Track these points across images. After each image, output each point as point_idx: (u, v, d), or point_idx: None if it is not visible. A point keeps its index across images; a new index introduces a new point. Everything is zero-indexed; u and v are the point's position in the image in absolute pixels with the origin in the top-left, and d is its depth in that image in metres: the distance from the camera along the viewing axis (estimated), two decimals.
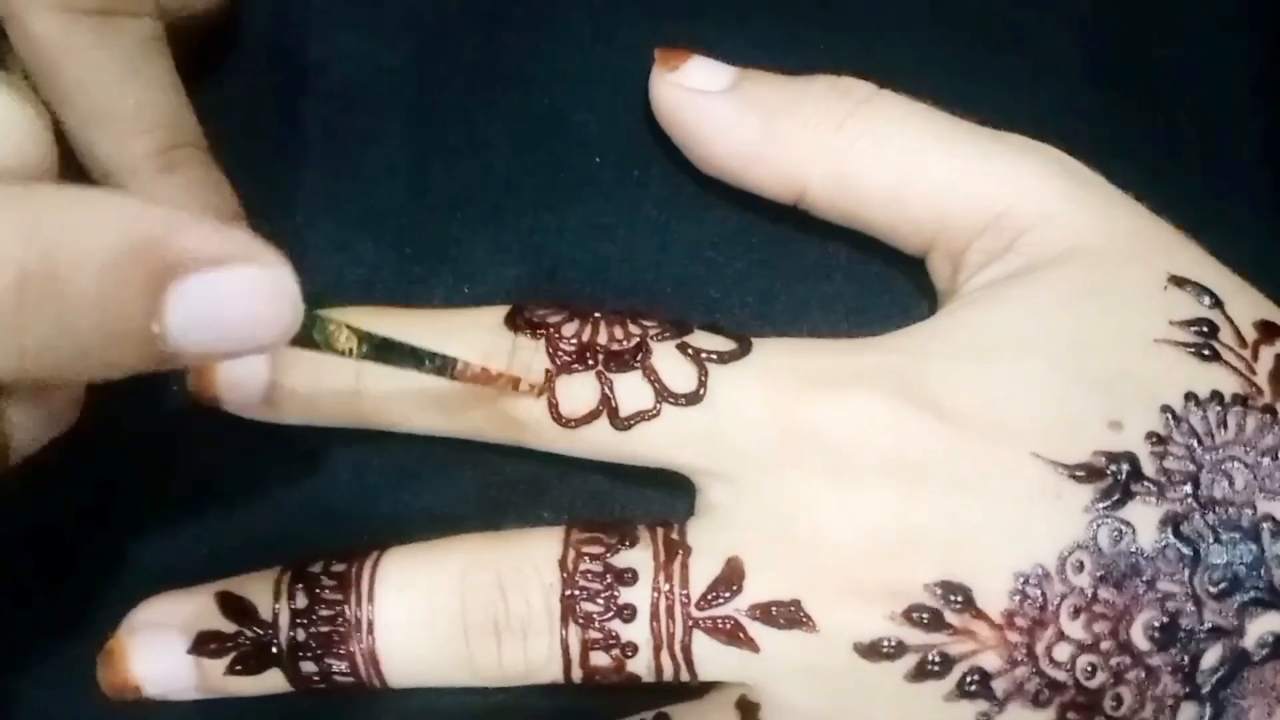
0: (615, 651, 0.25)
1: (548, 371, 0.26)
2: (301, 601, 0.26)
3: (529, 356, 0.26)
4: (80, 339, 0.19)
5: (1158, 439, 0.24)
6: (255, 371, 0.27)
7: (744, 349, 0.26)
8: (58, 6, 0.25)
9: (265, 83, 0.31)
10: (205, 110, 0.27)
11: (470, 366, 0.25)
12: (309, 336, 0.22)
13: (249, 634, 0.26)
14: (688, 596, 0.25)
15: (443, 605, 0.25)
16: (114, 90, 0.26)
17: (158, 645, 0.26)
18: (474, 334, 0.26)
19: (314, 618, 0.26)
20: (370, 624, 0.25)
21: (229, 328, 0.19)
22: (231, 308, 0.19)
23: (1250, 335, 0.26)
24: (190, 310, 0.19)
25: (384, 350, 0.23)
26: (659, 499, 0.28)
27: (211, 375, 0.28)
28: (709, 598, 0.25)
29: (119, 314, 0.19)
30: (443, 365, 0.24)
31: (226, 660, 0.26)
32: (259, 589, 0.26)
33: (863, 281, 0.30)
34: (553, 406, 0.26)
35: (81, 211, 0.19)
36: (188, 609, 0.26)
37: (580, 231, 0.30)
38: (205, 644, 0.26)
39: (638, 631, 0.25)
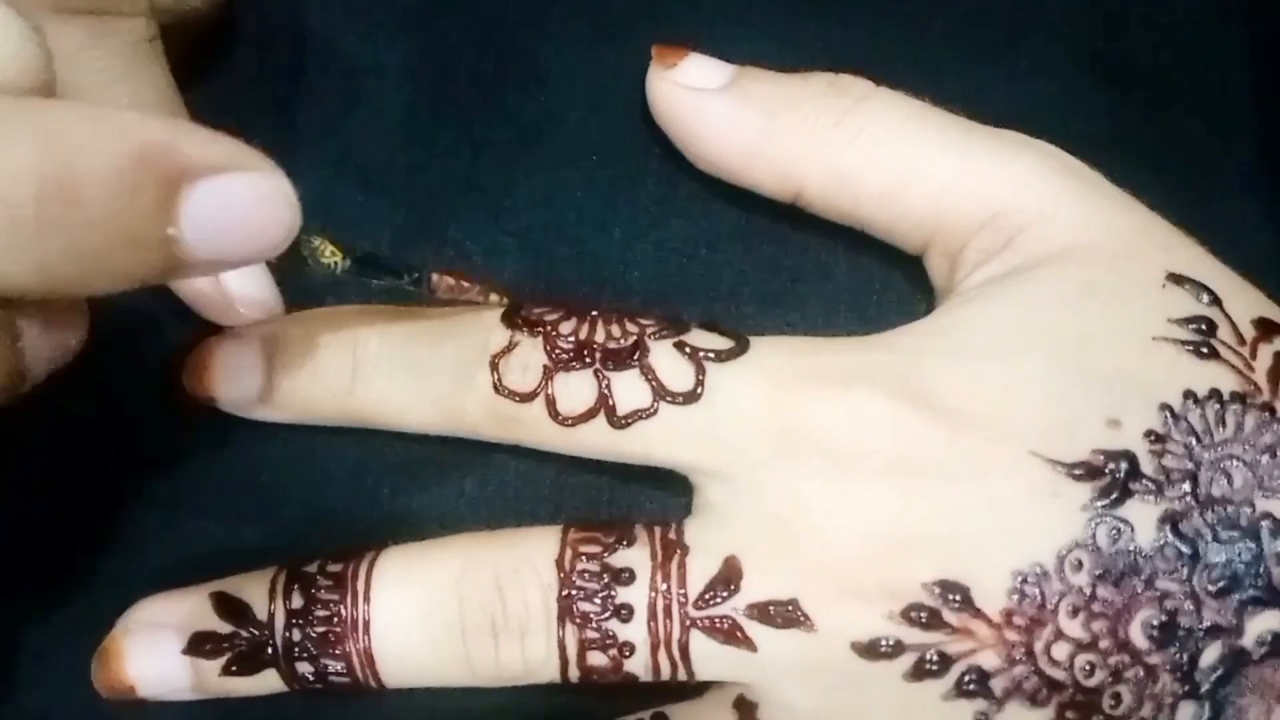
0: (613, 651, 0.25)
1: (545, 368, 0.26)
2: (297, 602, 0.26)
3: (527, 353, 0.26)
4: (99, 247, 0.19)
5: (1156, 437, 0.24)
6: (250, 370, 0.27)
7: (741, 347, 0.26)
8: (47, 7, 0.24)
9: (262, 81, 0.31)
10: (203, 108, 0.27)
11: (443, 279, 0.25)
12: (297, 254, 0.23)
13: (245, 634, 0.26)
14: (685, 596, 0.25)
15: (440, 605, 0.25)
16: (105, 93, 0.26)
17: (153, 646, 0.26)
18: (473, 331, 0.26)
19: (310, 618, 0.26)
20: (367, 624, 0.25)
21: (239, 231, 0.20)
22: (240, 211, 0.20)
23: (1249, 333, 0.26)
24: (202, 214, 0.19)
25: (365, 265, 0.24)
26: (657, 498, 0.28)
27: (209, 375, 0.28)
28: (706, 597, 0.25)
29: (136, 220, 0.19)
30: (418, 279, 0.25)
31: (222, 661, 0.26)
32: (255, 589, 0.26)
33: (860, 279, 0.30)
34: (550, 404, 0.26)
35: (92, 122, 0.19)
36: (183, 609, 0.26)
37: (578, 230, 0.30)
38: (201, 644, 0.26)
39: (635, 631, 0.25)
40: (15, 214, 0.18)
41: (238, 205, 0.20)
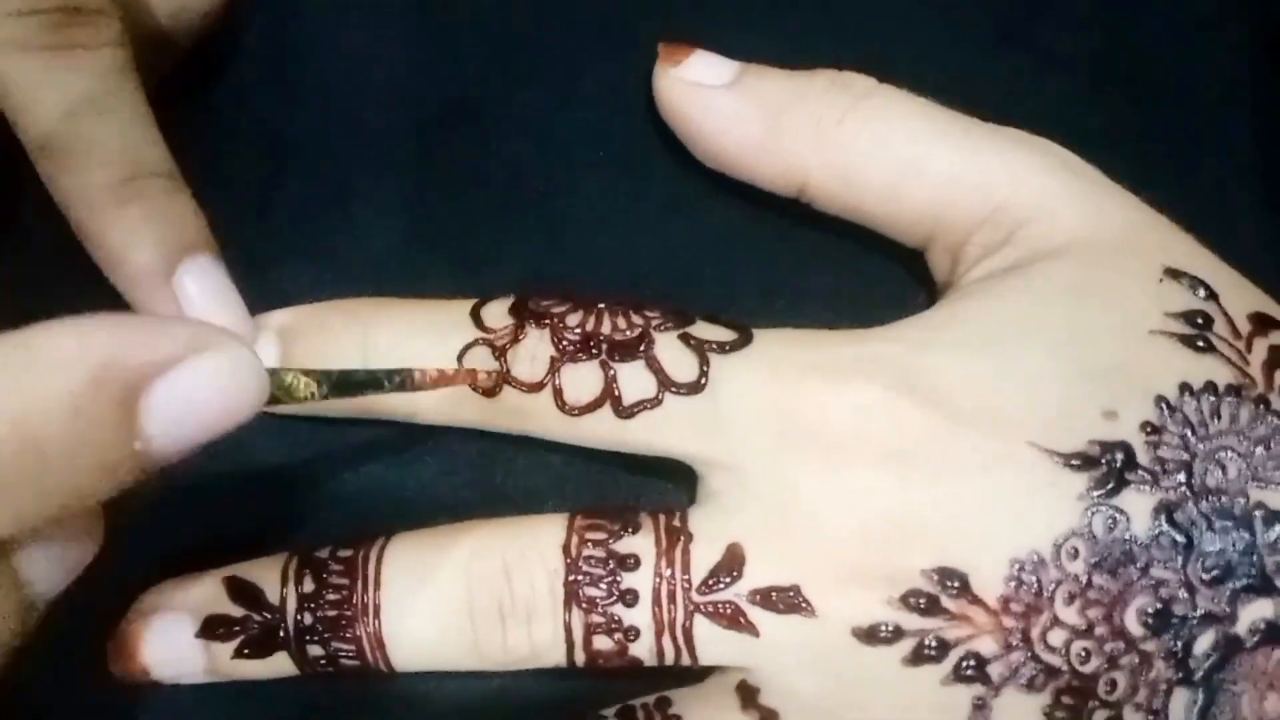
0: (618, 635, 0.25)
1: (553, 359, 0.26)
2: (309, 586, 0.26)
3: (534, 345, 0.26)
4: (69, 480, 0.19)
5: (1152, 428, 0.24)
6: (265, 356, 0.28)
7: (745, 339, 0.26)
8: (9, 43, 0.25)
9: (268, 77, 0.31)
10: (208, 102, 0.27)
11: (426, 373, 0.25)
12: (271, 395, 0.22)
13: (257, 618, 0.26)
14: (689, 582, 0.25)
15: (448, 590, 0.26)
16: (66, 125, 0.25)
17: (167, 630, 0.27)
18: (480, 322, 0.27)
19: (321, 602, 0.26)
20: (377, 608, 0.26)
21: (206, 418, 0.20)
22: (204, 399, 0.19)
23: (1244, 327, 0.26)
24: (166, 415, 0.19)
25: (343, 385, 0.24)
26: (661, 487, 0.29)
27: None
28: (710, 583, 0.25)
29: (101, 446, 0.19)
30: (401, 381, 0.25)
31: (234, 644, 0.26)
32: (267, 574, 0.27)
33: (863, 273, 0.30)
34: (557, 395, 0.26)
35: (29, 360, 0.18)
36: (196, 594, 0.27)
37: (585, 224, 0.31)
38: (213, 628, 0.26)
39: (640, 616, 0.25)
40: None
41: (202, 392, 0.19)
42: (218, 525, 0.29)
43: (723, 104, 0.28)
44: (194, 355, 0.19)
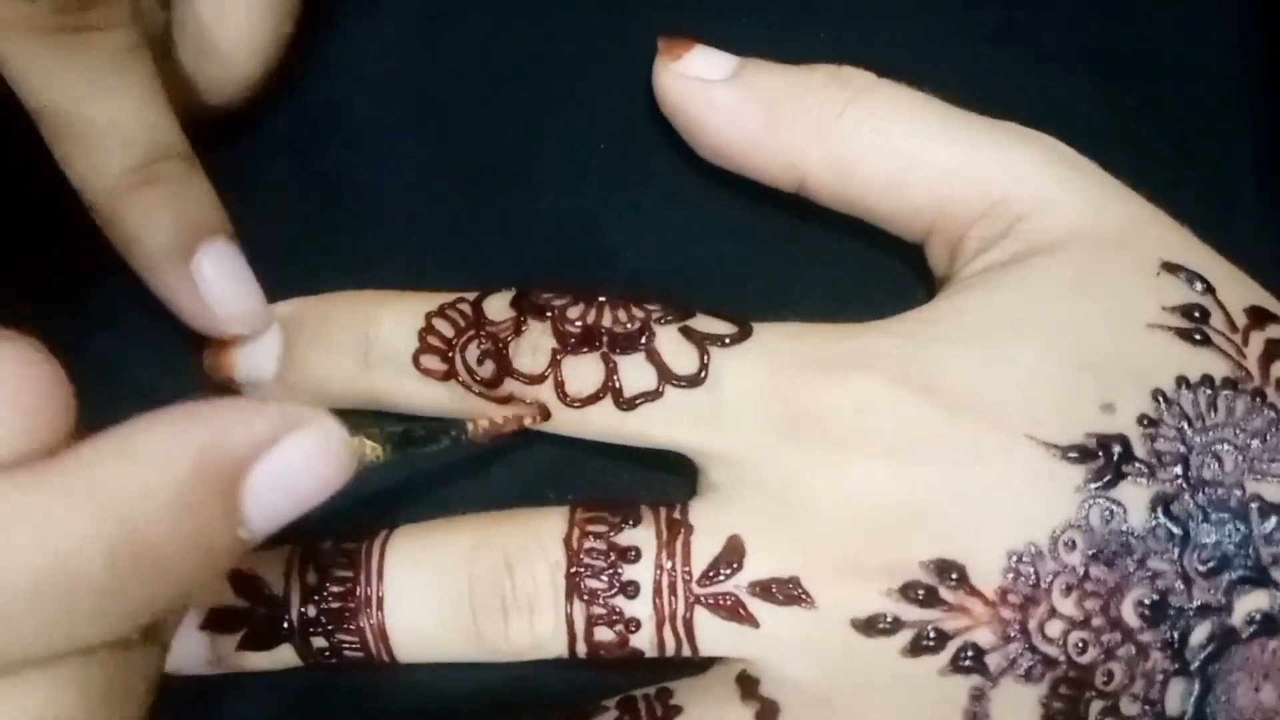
0: (619, 627, 0.25)
1: (554, 351, 0.26)
2: (312, 578, 0.26)
3: (536, 337, 0.26)
4: (181, 575, 0.19)
5: (1149, 421, 0.25)
6: (268, 349, 0.28)
7: (745, 332, 0.27)
8: (20, 26, 0.24)
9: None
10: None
11: (479, 424, 0.25)
12: None
13: (261, 610, 0.26)
14: (689, 574, 0.25)
15: (451, 582, 0.26)
16: (82, 108, 0.25)
17: None
18: (482, 314, 0.27)
19: (325, 594, 0.26)
20: (380, 600, 0.26)
21: (301, 496, 0.20)
22: (299, 478, 0.19)
23: (1241, 320, 0.26)
24: (265, 498, 0.19)
25: (403, 444, 0.24)
26: (662, 480, 0.29)
27: (228, 358, 0.29)
28: (710, 575, 0.25)
29: (209, 537, 0.19)
30: (457, 435, 0.25)
31: (238, 636, 0.26)
32: (270, 566, 0.27)
33: (862, 267, 0.30)
34: (558, 386, 0.26)
35: (131, 458, 0.18)
36: None
37: (585, 219, 0.31)
38: (218, 620, 0.26)
39: (641, 607, 0.25)
40: (93, 584, 0.18)
41: (298, 471, 0.19)
42: None
43: (722, 99, 0.28)
44: (288, 435, 0.19)
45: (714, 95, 0.28)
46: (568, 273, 0.30)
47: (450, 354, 0.27)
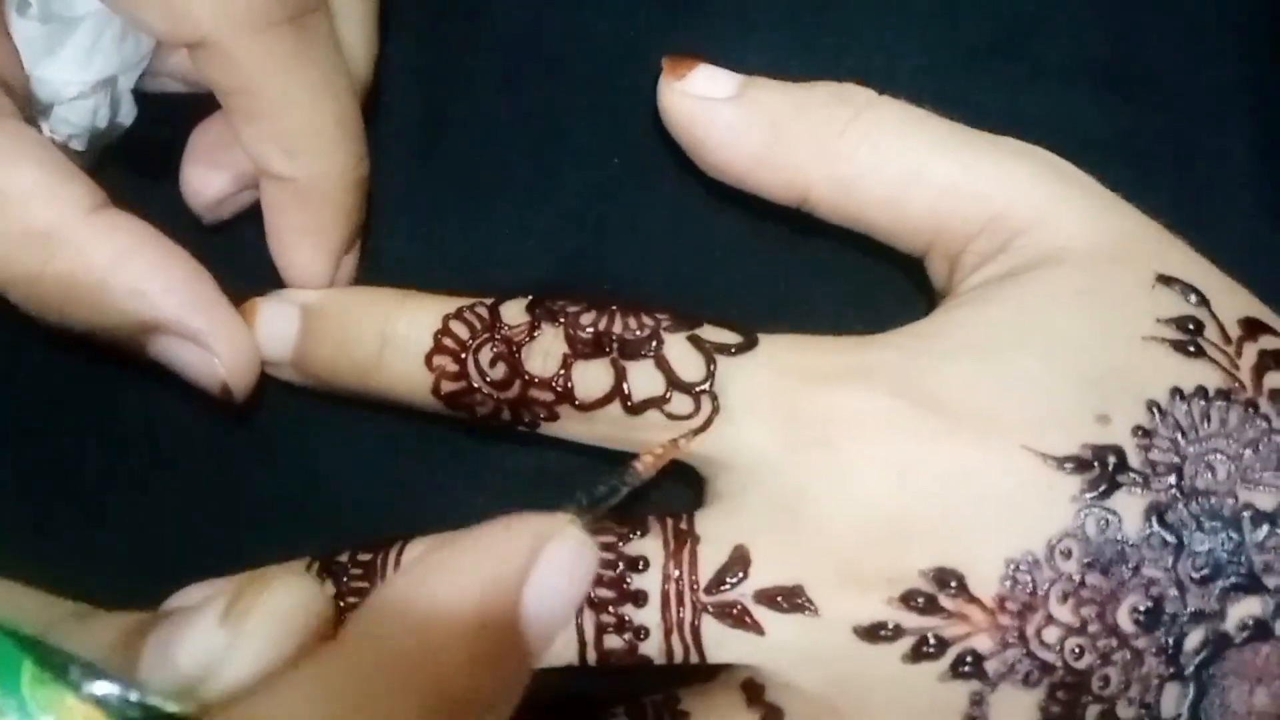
0: (628, 635, 0.26)
1: (565, 356, 0.27)
2: (329, 589, 0.27)
3: (549, 342, 0.27)
4: (492, 716, 0.19)
5: (1144, 432, 0.25)
6: (285, 332, 0.29)
7: (750, 343, 0.27)
8: (255, 23, 0.25)
9: None
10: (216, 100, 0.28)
11: (645, 460, 0.25)
12: None
13: None
14: (697, 583, 0.25)
15: None
16: (313, 107, 0.27)
17: None
18: (498, 318, 0.28)
19: (341, 605, 0.26)
20: None
21: (569, 604, 0.20)
22: (563, 589, 0.19)
23: (1235, 332, 0.26)
24: (541, 616, 0.19)
25: (593, 505, 0.23)
26: (669, 491, 0.29)
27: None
28: (717, 584, 0.25)
29: (505, 673, 0.19)
30: (632, 479, 0.24)
31: None
32: None
33: (863, 281, 0.31)
34: (568, 391, 0.27)
35: (418, 619, 0.18)
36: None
37: (595, 232, 0.31)
38: None
39: (649, 616, 0.25)
40: None
41: (561, 583, 0.19)
42: (240, 530, 0.30)
43: (726, 117, 0.29)
44: (544, 550, 0.19)
45: (718, 113, 0.29)
46: (577, 283, 0.31)
47: (463, 355, 0.27)
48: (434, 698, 0.18)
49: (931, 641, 0.24)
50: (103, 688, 0.18)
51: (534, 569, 0.19)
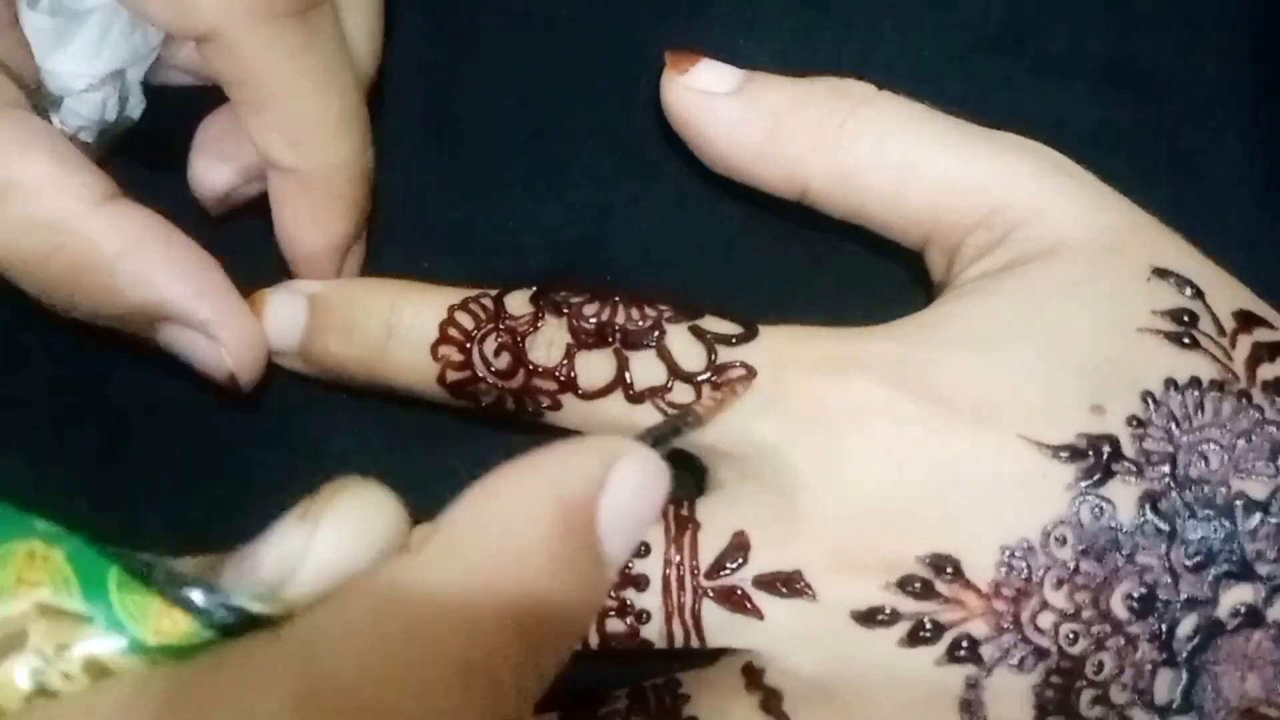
0: (629, 618, 0.26)
1: (569, 346, 0.27)
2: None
3: (552, 332, 0.27)
4: (575, 627, 0.19)
5: (1138, 422, 0.25)
6: (293, 322, 0.29)
7: (751, 333, 0.27)
8: (262, 16, 0.25)
9: None
10: (220, 97, 0.28)
11: (705, 406, 0.25)
12: None
13: None
14: (697, 568, 0.26)
15: None
16: (319, 99, 0.27)
17: None
18: (503, 308, 0.28)
19: None
20: None
21: (642, 521, 0.19)
22: (636, 505, 0.19)
23: (1229, 324, 0.27)
24: (616, 528, 0.19)
25: (660, 441, 0.23)
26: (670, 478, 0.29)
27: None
28: (717, 569, 0.26)
29: (587, 583, 0.19)
30: (693, 420, 0.24)
31: None
32: None
33: (862, 273, 0.31)
34: (572, 380, 0.27)
35: (498, 528, 0.18)
36: None
37: (598, 223, 0.32)
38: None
39: (650, 600, 0.26)
40: (512, 663, 0.17)
41: (634, 498, 0.19)
42: (245, 517, 0.30)
43: (727, 110, 0.29)
44: (616, 467, 0.19)
45: (719, 107, 0.29)
46: (579, 273, 0.31)
47: (468, 345, 0.28)
48: (524, 603, 0.18)
49: (927, 626, 0.25)
50: (189, 592, 0.17)
51: (608, 485, 0.19)
